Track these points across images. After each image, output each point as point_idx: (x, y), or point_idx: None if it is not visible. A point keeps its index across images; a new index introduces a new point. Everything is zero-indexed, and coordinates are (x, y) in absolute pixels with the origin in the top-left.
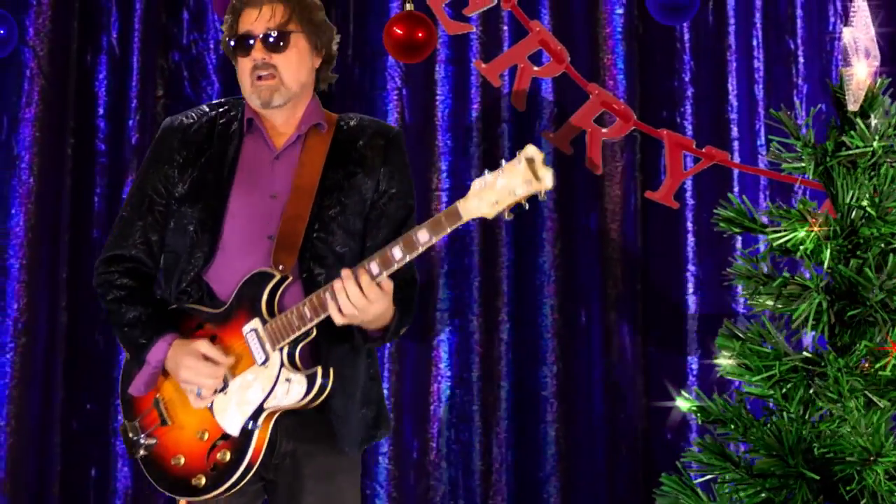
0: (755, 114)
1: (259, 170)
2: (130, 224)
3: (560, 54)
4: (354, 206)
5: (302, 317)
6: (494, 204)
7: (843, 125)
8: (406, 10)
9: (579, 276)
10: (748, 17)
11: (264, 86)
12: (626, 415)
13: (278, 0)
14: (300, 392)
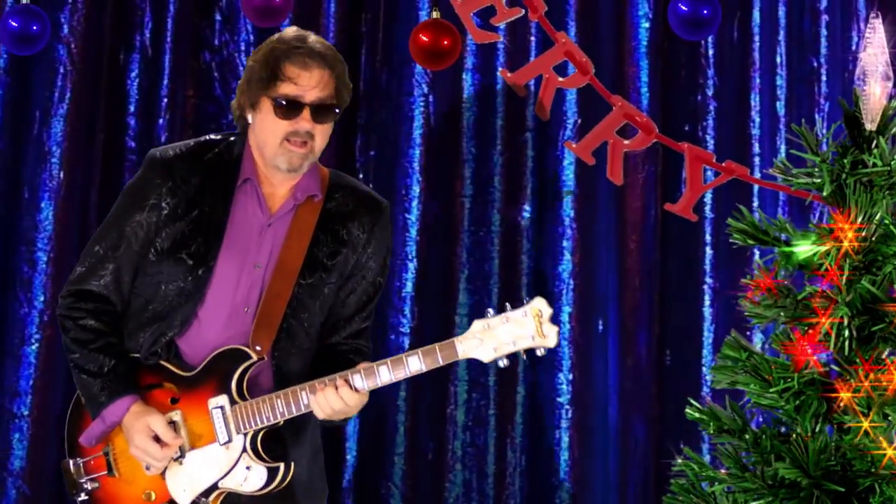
0: (776, 130)
1: (248, 235)
2: (102, 261)
3: (585, 66)
4: (333, 284)
5: (273, 409)
6: (493, 350)
7: (859, 143)
8: (432, 17)
9: (597, 285)
10: (773, 34)
11: (299, 153)
12: (640, 423)
13: (326, 66)
14: (259, 482)
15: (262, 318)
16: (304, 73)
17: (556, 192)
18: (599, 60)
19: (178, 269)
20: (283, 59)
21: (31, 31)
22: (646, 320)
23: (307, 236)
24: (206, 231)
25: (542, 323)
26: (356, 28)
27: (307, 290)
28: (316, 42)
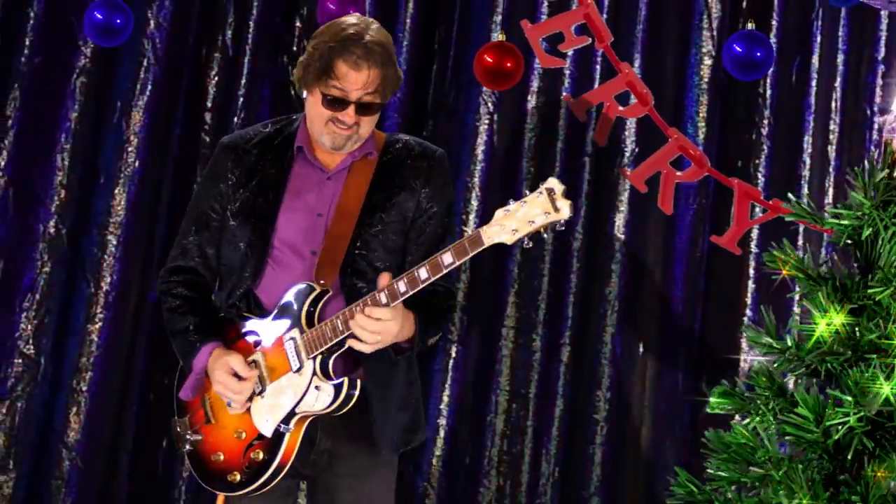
0: (826, 173)
1: (308, 190)
2: (187, 239)
3: (645, 97)
4: (395, 224)
5: (335, 329)
6: (514, 231)
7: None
8: (498, 39)
9: (641, 308)
10: (830, 80)
11: (343, 135)
12: (672, 445)
13: (377, 65)
14: (328, 399)
15: (324, 256)
16: (352, 73)
17: (610, 216)
18: (659, 93)
19: (246, 228)
20: (337, 57)
21: (115, 23)
22: (685, 347)
23: (365, 185)
24: (266, 192)
25: (555, 199)
26: (429, 45)
27: (369, 231)
28: (371, 39)
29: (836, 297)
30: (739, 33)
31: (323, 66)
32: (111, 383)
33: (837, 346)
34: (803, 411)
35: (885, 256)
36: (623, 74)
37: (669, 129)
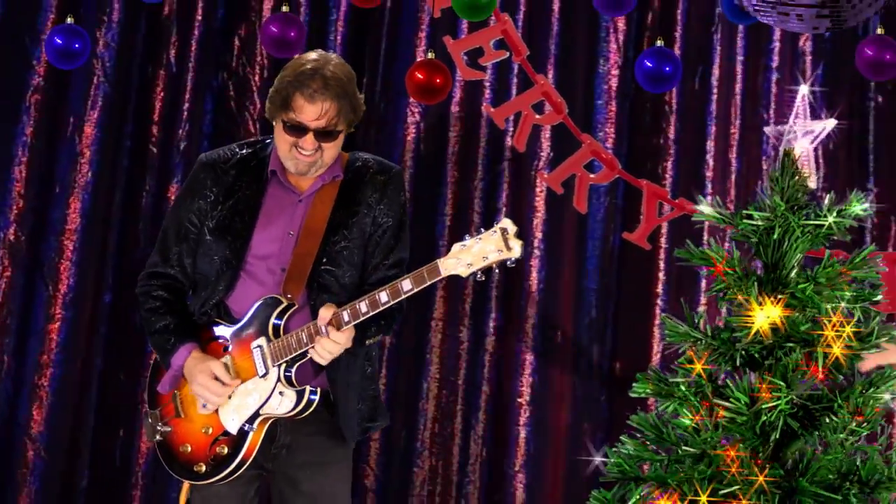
0: (728, 174)
1: (281, 212)
2: (168, 248)
3: (559, 106)
4: (357, 240)
5: (299, 341)
6: (468, 265)
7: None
8: (428, 57)
9: (559, 301)
10: (729, 88)
11: (304, 160)
12: (590, 426)
13: (332, 97)
14: (290, 405)
15: (291, 272)
16: (308, 105)
17: (529, 216)
18: (572, 102)
19: (222, 244)
20: (295, 90)
21: (74, 48)
22: (599, 335)
23: (329, 205)
24: (242, 212)
25: (507, 239)
26: (360, 61)
27: (334, 248)
28: (329, 74)
29: (768, 292)
30: (650, 50)
31: (283, 98)
32: (71, 379)
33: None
34: (739, 395)
35: (791, 255)
36: (539, 85)
37: (582, 134)
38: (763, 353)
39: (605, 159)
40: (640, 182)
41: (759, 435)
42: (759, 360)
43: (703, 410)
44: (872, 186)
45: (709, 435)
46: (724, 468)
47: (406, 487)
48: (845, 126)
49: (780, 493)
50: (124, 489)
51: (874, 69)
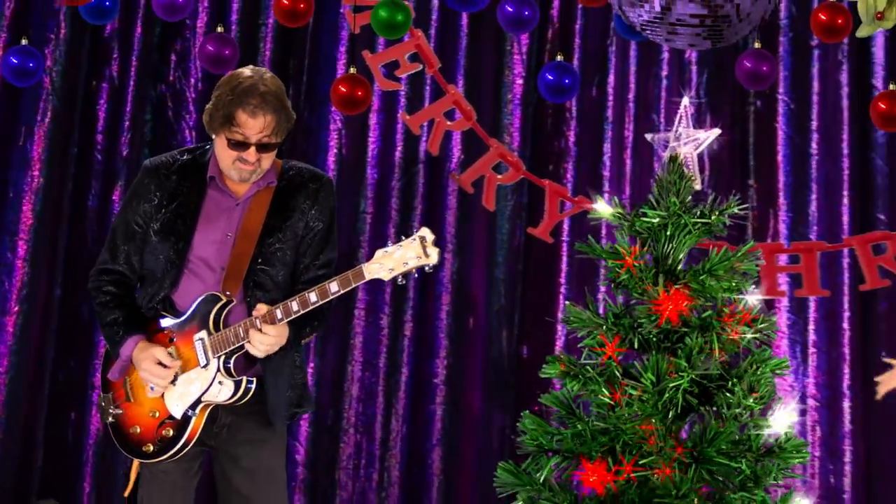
0: (622, 174)
1: (219, 214)
2: (117, 247)
3: (469, 113)
4: (290, 242)
5: (237, 335)
6: (390, 270)
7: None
8: (350, 72)
9: (470, 290)
10: (623, 95)
11: (246, 169)
12: (498, 404)
13: (271, 111)
14: (229, 393)
15: (229, 271)
16: (250, 121)
17: (442, 214)
18: (481, 109)
19: (167, 245)
20: (236, 107)
21: (28, 67)
22: (507, 320)
23: (265, 209)
24: (184, 215)
25: (426, 246)
26: (285, 73)
27: (268, 249)
28: (265, 89)
29: (675, 282)
30: (551, 64)
31: (225, 115)
32: (26, 367)
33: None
34: (649, 375)
35: (679, 248)
36: (450, 95)
37: (490, 139)
38: (660, 336)
39: (511, 161)
40: (543, 182)
41: (660, 411)
42: (656, 343)
43: (615, 390)
44: (753, 183)
45: (625, 411)
46: (641, 441)
47: (334, 461)
48: (728, 129)
49: (691, 463)
50: (76, 466)
51: (752, 80)
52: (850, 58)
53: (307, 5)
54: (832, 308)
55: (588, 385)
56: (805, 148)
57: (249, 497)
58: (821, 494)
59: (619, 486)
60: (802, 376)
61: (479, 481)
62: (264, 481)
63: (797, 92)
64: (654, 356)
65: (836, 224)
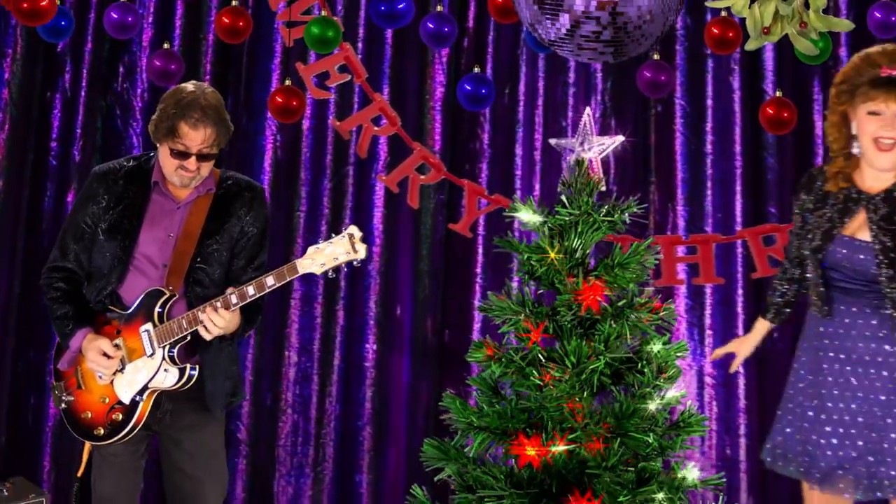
0: (533, 172)
1: (163, 216)
2: (67, 246)
3: (394, 119)
4: (226, 244)
5: (180, 326)
6: (322, 265)
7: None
8: (286, 84)
9: (397, 281)
10: (533, 101)
11: (187, 176)
12: (426, 382)
13: (211, 124)
14: (174, 380)
15: (171, 269)
16: (192, 133)
17: (370, 212)
18: (405, 115)
19: (114, 243)
20: (179, 120)
21: None
22: (431, 309)
23: (204, 213)
24: (130, 216)
25: (354, 242)
26: (225, 84)
27: (207, 249)
28: (206, 103)
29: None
30: (469, 75)
31: (169, 127)
32: None
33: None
34: (571, 359)
35: (587, 243)
36: (376, 102)
37: (414, 143)
38: (574, 323)
39: (432, 163)
40: (463, 182)
41: (579, 391)
42: (569, 330)
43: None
44: (654, 179)
45: (553, 391)
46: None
47: (273, 439)
48: (631, 130)
49: (615, 437)
50: (36, 446)
51: (651, 88)
52: (742, 65)
53: (246, 23)
54: (727, 294)
55: (509, 367)
56: (701, 148)
57: (192, 475)
58: (718, 464)
59: (552, 459)
60: (700, 356)
61: (407, 456)
62: (205, 460)
63: (693, 96)
64: (575, 341)
65: (730, 217)
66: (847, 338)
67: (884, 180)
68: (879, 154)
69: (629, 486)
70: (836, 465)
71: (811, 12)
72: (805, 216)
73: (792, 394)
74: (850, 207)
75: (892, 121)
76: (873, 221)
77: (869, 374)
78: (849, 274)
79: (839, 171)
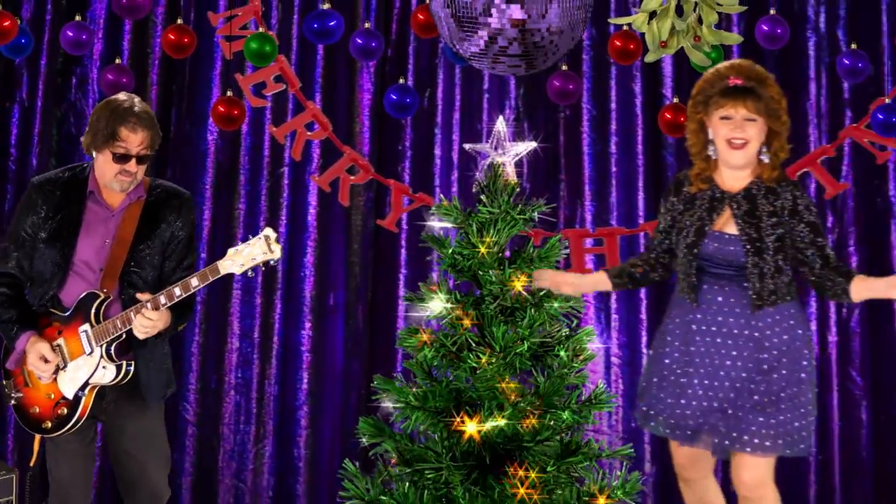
0: (451, 172)
1: (98, 223)
2: (9, 252)
3: (326, 125)
4: (157, 248)
5: (115, 326)
6: (241, 265)
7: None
8: (227, 95)
9: (330, 272)
10: (451, 106)
11: (127, 181)
12: (358, 365)
13: (147, 128)
14: (112, 375)
15: (106, 272)
16: (132, 136)
17: (305, 210)
18: (336, 121)
19: (54, 250)
20: (119, 125)
21: None
22: (362, 297)
23: (136, 219)
24: (68, 225)
25: (270, 243)
26: (169, 95)
27: (139, 254)
28: (140, 109)
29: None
30: (395, 86)
31: (109, 133)
32: None
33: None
34: (500, 342)
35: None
36: (309, 109)
37: (344, 146)
38: (497, 311)
39: (361, 164)
40: (389, 181)
41: (504, 372)
42: (490, 317)
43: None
44: (563, 177)
45: (487, 372)
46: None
47: (217, 418)
48: (542, 133)
49: (545, 412)
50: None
51: (560, 96)
52: (643, 72)
53: (190, 39)
54: None
55: (440, 351)
56: (606, 148)
57: (136, 456)
58: (624, 437)
59: (490, 434)
60: (607, 338)
61: (341, 433)
62: (148, 442)
63: (598, 101)
64: (502, 328)
65: (633, 211)
66: (718, 314)
67: (741, 179)
68: (732, 152)
69: (555, 457)
70: (703, 423)
71: (704, 27)
72: (675, 217)
73: (668, 363)
74: (716, 206)
75: (741, 123)
76: (738, 217)
77: (737, 345)
78: (721, 263)
79: (699, 172)
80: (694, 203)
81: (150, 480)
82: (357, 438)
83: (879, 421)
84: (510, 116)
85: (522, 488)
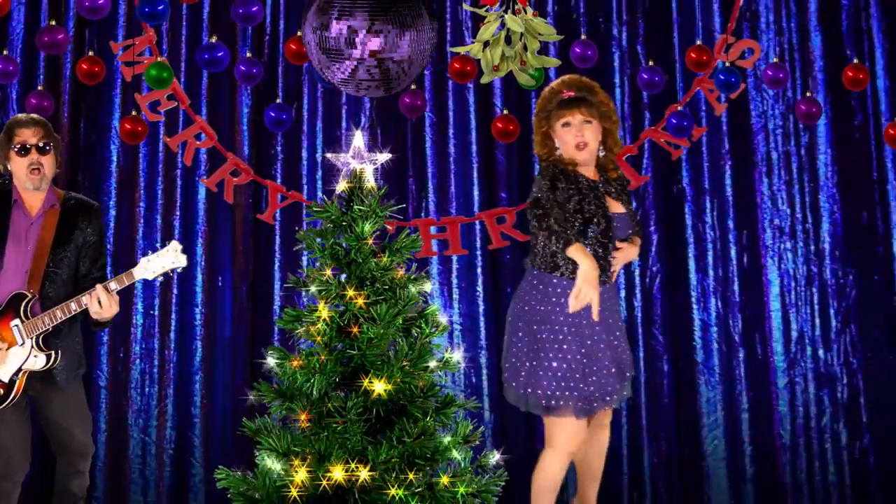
0: (316, 172)
1: (21, 230)
2: None
3: (212, 135)
4: (73, 252)
5: (43, 321)
6: (153, 273)
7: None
8: (132, 114)
9: (218, 258)
10: (314, 115)
11: (37, 177)
12: (242, 339)
13: (39, 124)
14: (42, 362)
15: (31, 275)
16: (26, 131)
17: (196, 207)
18: (220, 131)
19: None
20: (14, 127)
21: None
22: (245, 279)
23: (53, 227)
24: None
25: (176, 254)
26: (78, 111)
27: (58, 257)
28: (33, 117)
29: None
30: (273, 104)
31: (7, 137)
32: None
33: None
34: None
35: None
36: (197, 122)
37: (228, 153)
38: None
39: (242, 168)
40: (266, 181)
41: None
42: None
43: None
44: (411, 174)
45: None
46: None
47: (126, 383)
48: (393, 138)
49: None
50: None
51: (410, 110)
52: (475, 85)
53: (100, 68)
54: (469, 261)
55: (331, 325)
56: (446, 149)
57: (63, 423)
58: (466, 391)
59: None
60: (449, 308)
61: (232, 393)
62: (72, 411)
63: (438, 110)
64: (384, 305)
65: (470, 203)
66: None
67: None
68: (578, 152)
69: (434, 409)
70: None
71: (529, 54)
72: (572, 202)
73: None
74: (600, 194)
75: (580, 127)
76: (619, 198)
77: (613, 315)
78: (617, 241)
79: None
80: (581, 191)
81: (76, 441)
82: (245, 398)
83: (678, 369)
84: (366, 125)
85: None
